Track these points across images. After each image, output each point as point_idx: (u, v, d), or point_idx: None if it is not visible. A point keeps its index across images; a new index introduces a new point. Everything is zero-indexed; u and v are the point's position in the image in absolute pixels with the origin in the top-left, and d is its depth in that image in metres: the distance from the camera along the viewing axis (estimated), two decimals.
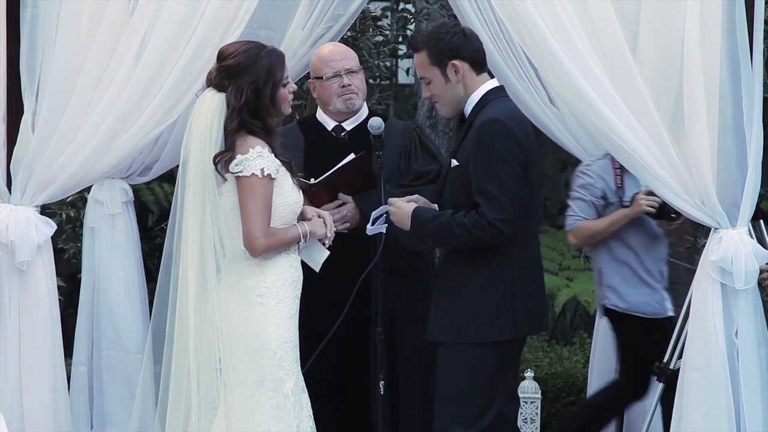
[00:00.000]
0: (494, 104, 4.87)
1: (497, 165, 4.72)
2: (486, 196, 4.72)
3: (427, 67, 4.88)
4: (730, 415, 4.89)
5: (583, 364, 7.44)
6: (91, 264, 5.63)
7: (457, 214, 4.77)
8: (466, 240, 4.75)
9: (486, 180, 4.72)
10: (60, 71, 5.28)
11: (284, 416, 4.69)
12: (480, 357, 4.80)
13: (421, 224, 4.85)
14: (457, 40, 4.85)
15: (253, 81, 4.69)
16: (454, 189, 4.88)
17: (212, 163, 4.66)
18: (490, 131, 4.75)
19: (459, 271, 4.87)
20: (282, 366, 4.70)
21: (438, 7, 7.51)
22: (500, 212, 4.70)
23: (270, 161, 4.68)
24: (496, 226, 4.70)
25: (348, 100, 5.47)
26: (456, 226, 4.75)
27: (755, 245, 4.98)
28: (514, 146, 4.76)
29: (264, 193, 4.67)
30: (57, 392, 5.31)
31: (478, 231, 4.72)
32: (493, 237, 4.73)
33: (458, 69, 4.85)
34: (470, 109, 4.89)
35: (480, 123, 4.78)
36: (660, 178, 5.02)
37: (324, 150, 5.48)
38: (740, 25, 4.89)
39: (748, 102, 4.91)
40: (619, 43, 5.03)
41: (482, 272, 4.82)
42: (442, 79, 4.88)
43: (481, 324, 4.79)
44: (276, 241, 4.71)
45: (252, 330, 4.69)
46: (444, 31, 4.88)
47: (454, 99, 4.91)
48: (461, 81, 4.87)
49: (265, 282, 4.72)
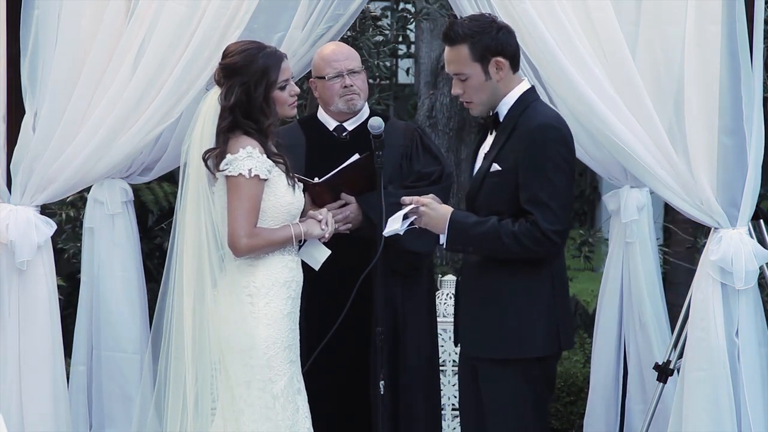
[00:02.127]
0: (538, 108, 4.65)
1: (553, 173, 4.50)
2: (540, 205, 4.49)
3: (467, 63, 4.61)
4: (731, 415, 4.89)
5: (583, 364, 7.45)
6: (90, 264, 5.63)
7: (504, 222, 4.54)
8: (515, 250, 4.52)
9: (540, 188, 4.50)
10: (60, 71, 5.28)
11: (273, 417, 4.68)
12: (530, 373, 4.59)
13: (462, 229, 4.60)
14: (502, 36, 4.62)
15: (245, 81, 4.69)
16: (494, 194, 4.63)
17: (202, 159, 4.68)
18: (545, 138, 4.52)
19: (499, 282, 4.62)
20: (271, 366, 4.69)
21: (438, 7, 7.51)
22: (554, 223, 4.49)
23: (260, 162, 4.67)
24: (550, 237, 4.49)
25: (350, 100, 5.46)
26: (505, 235, 4.51)
27: (755, 245, 4.98)
28: (568, 154, 4.56)
29: (250, 193, 4.66)
30: (57, 392, 5.30)
31: (529, 241, 4.49)
32: (546, 248, 4.52)
33: (502, 66, 4.61)
34: (506, 110, 4.66)
35: (533, 128, 4.55)
36: (660, 178, 5.02)
37: (325, 150, 5.48)
38: (740, 25, 4.89)
39: (748, 102, 4.91)
40: (618, 43, 5.03)
41: (525, 284, 4.60)
42: (483, 77, 4.62)
43: (529, 339, 4.58)
44: (261, 242, 4.70)
45: (242, 329, 4.69)
46: (487, 25, 4.62)
47: (490, 98, 4.66)
48: (502, 79, 4.63)
49: (255, 282, 4.72)
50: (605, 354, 5.83)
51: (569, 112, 5.38)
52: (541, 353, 4.61)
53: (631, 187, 5.71)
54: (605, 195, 5.92)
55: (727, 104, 4.92)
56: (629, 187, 5.71)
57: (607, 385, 5.83)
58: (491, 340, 4.63)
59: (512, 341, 4.59)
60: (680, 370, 5.08)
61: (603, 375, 5.85)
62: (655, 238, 5.84)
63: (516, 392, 4.60)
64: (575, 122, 5.48)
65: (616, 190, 5.78)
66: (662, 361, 5.44)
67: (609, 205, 5.84)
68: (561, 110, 5.55)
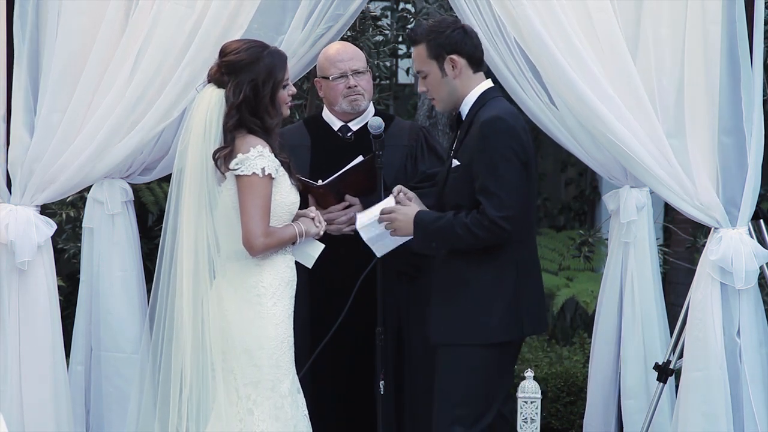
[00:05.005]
0: (493, 103, 4.84)
1: (499, 162, 4.70)
2: (487, 194, 4.70)
3: (425, 61, 4.86)
4: (728, 415, 4.90)
5: (583, 364, 7.44)
6: (89, 264, 5.63)
7: (459, 214, 4.75)
8: (469, 240, 4.72)
9: (488, 178, 4.70)
10: (60, 72, 5.28)
11: (281, 416, 4.69)
12: (484, 358, 4.77)
13: (424, 226, 4.82)
14: (456, 35, 4.84)
15: (253, 79, 4.69)
16: (455, 189, 4.85)
17: (212, 159, 4.67)
18: (492, 129, 4.73)
19: (461, 271, 4.82)
20: (279, 366, 4.70)
21: (437, 7, 7.51)
22: (501, 209, 4.68)
23: (270, 161, 4.68)
24: (498, 224, 4.68)
25: (354, 101, 5.45)
26: (458, 226, 4.72)
27: (755, 245, 4.99)
28: (515, 143, 4.73)
29: (264, 192, 4.67)
30: (57, 392, 5.31)
31: (479, 230, 4.70)
32: (495, 235, 4.70)
33: (456, 64, 4.83)
34: (467, 109, 4.87)
35: (482, 121, 4.76)
36: (660, 178, 5.03)
37: (330, 150, 5.47)
38: (740, 26, 4.89)
39: (748, 102, 4.91)
40: (618, 43, 5.04)
41: (486, 272, 4.79)
42: (439, 74, 4.85)
43: (486, 325, 4.76)
44: (275, 241, 4.72)
45: (250, 330, 4.69)
46: (444, 25, 4.87)
47: (449, 94, 4.88)
48: (458, 77, 4.85)
49: (263, 282, 4.72)
50: (604, 354, 5.83)
51: (569, 112, 5.39)
52: (499, 338, 4.77)
53: (631, 187, 5.70)
54: (605, 195, 5.92)
55: (727, 104, 4.92)
56: (629, 187, 5.71)
57: (606, 385, 5.83)
58: (448, 326, 4.82)
59: (467, 326, 4.77)
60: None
61: (602, 375, 5.84)
62: (655, 238, 5.83)
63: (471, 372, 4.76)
64: (575, 122, 5.49)
65: (616, 190, 5.77)
66: (662, 361, 5.44)
67: (609, 205, 5.83)
68: (561, 110, 5.58)
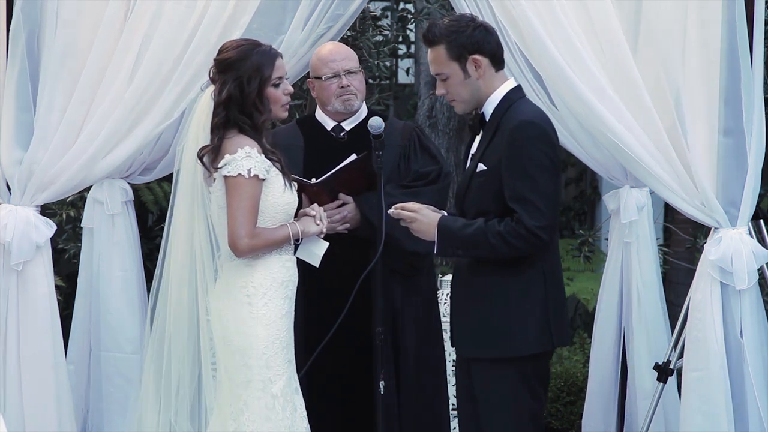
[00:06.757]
0: (521, 105, 4.64)
1: (535, 170, 4.49)
2: (523, 203, 4.49)
3: (445, 63, 4.64)
4: (729, 415, 4.89)
5: (583, 364, 7.45)
6: (89, 264, 5.63)
7: (490, 222, 4.54)
8: (503, 249, 4.51)
9: (523, 186, 4.49)
10: (60, 72, 5.28)
11: (273, 417, 4.67)
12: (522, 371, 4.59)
13: (450, 233, 4.62)
14: (478, 34, 4.62)
15: (239, 77, 4.68)
16: (480, 194, 4.64)
17: (198, 157, 4.67)
18: (524, 134, 4.52)
19: (490, 282, 4.61)
20: (270, 366, 4.69)
21: (438, 7, 7.51)
22: (539, 219, 4.47)
23: (258, 162, 4.66)
24: (536, 234, 4.48)
25: (346, 101, 5.45)
26: (491, 235, 4.51)
27: (755, 245, 4.99)
28: (549, 150, 4.53)
29: (250, 193, 4.65)
30: (57, 392, 5.31)
31: (516, 239, 4.49)
32: (532, 245, 4.50)
33: (479, 64, 4.62)
34: (492, 109, 4.66)
35: (513, 126, 4.55)
36: (660, 178, 5.03)
37: (323, 150, 5.48)
38: (740, 26, 4.89)
39: (748, 102, 4.91)
40: (618, 43, 5.03)
41: (515, 282, 4.59)
42: (461, 75, 4.63)
43: (520, 337, 4.57)
44: (261, 242, 4.69)
45: (240, 329, 4.68)
46: (463, 24, 4.64)
47: (471, 96, 4.66)
48: (481, 77, 4.63)
49: (253, 282, 4.71)
50: (604, 354, 5.83)
51: (569, 112, 5.39)
52: (533, 350, 4.60)
53: (631, 187, 5.71)
54: (605, 195, 5.92)
55: (727, 104, 4.92)
56: (629, 187, 5.71)
57: (605, 384, 5.83)
58: (483, 340, 4.63)
59: (504, 340, 4.59)
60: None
61: (602, 375, 5.85)
62: (655, 238, 5.83)
63: (510, 391, 4.60)
64: (575, 122, 5.49)
65: (616, 190, 5.78)
66: (662, 361, 5.45)
67: (609, 205, 5.84)
68: (561, 110, 5.58)
